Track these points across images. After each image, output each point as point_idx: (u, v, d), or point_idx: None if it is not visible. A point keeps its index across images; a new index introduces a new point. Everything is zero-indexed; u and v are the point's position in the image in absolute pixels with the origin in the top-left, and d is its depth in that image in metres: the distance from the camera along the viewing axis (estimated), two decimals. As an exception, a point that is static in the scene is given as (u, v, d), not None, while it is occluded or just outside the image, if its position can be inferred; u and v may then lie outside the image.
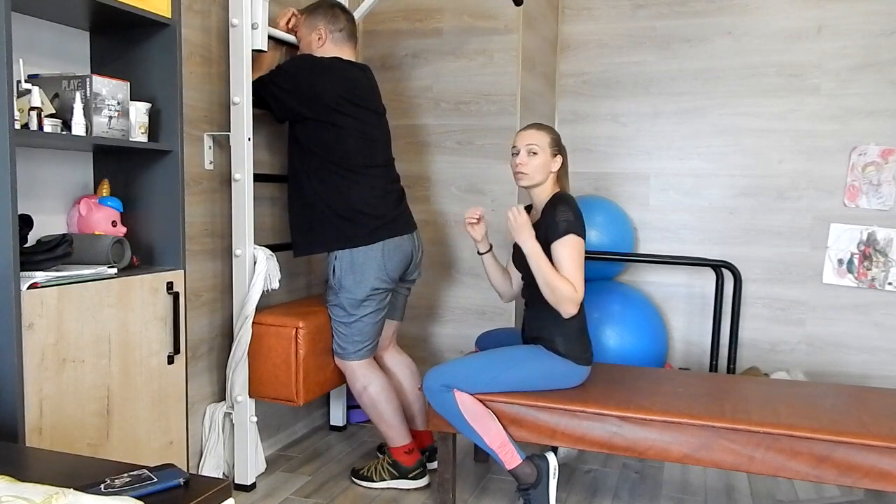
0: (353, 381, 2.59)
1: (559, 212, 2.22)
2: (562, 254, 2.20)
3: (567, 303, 2.19)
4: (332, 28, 2.56)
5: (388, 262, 2.50)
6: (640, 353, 3.19)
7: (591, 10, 3.68)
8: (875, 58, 3.31)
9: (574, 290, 2.18)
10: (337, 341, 2.58)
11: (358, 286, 2.48)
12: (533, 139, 2.30)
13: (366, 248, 2.47)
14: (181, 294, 2.05)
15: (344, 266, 2.48)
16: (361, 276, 2.48)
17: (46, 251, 1.76)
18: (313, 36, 2.56)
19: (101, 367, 1.82)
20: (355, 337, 2.54)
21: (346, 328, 2.54)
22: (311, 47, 2.57)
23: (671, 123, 3.61)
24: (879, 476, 1.95)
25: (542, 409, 2.23)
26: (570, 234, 2.19)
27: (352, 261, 2.48)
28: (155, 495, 1.18)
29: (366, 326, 2.53)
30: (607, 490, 2.62)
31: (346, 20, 2.59)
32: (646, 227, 3.69)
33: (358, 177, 2.48)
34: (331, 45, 2.56)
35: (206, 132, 2.48)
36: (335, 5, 2.60)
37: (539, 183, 2.32)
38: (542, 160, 2.29)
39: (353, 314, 2.51)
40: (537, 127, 2.34)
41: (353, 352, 2.55)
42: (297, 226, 2.58)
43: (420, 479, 2.59)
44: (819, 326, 3.46)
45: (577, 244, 2.20)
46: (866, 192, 3.35)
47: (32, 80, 1.82)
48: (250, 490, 2.54)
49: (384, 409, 2.56)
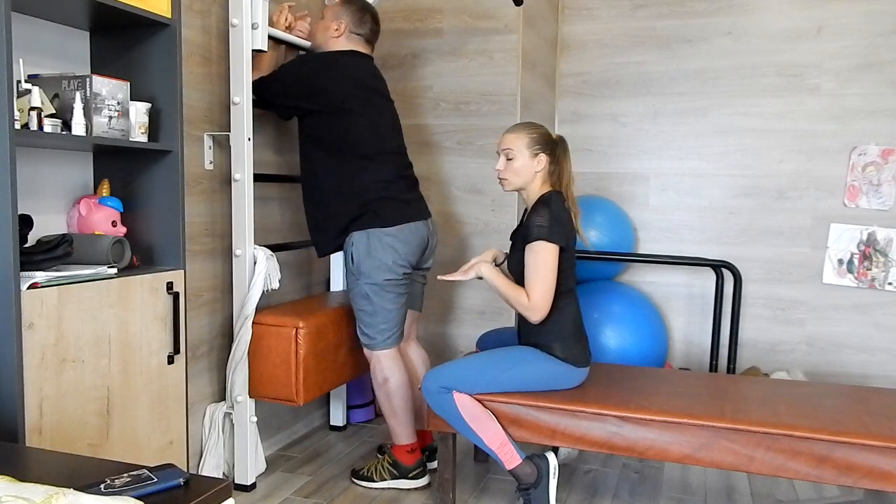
0: (375, 371, 2.57)
1: (534, 215, 2.21)
2: (527, 260, 2.21)
3: (524, 311, 2.22)
4: (354, 28, 2.58)
5: (404, 246, 2.50)
6: (640, 353, 3.19)
7: (591, 10, 3.68)
8: (875, 58, 3.30)
9: (527, 299, 2.19)
10: (364, 331, 2.56)
11: (377, 270, 2.47)
12: (508, 143, 2.28)
13: (381, 230, 2.47)
14: (181, 294, 2.05)
15: (360, 250, 2.48)
16: (379, 260, 2.47)
17: (46, 251, 1.75)
18: (333, 24, 2.58)
19: (101, 367, 1.82)
20: (381, 325, 2.53)
21: (371, 317, 2.52)
22: (326, 32, 2.59)
23: (671, 123, 3.61)
24: (879, 476, 1.95)
25: (542, 409, 2.23)
26: (538, 241, 2.17)
27: (368, 244, 2.47)
28: (155, 495, 1.18)
29: (389, 314, 2.53)
30: (607, 490, 2.62)
31: (371, 29, 2.61)
32: (646, 227, 3.69)
33: (369, 163, 2.50)
34: (344, 41, 2.58)
35: (206, 132, 2.48)
36: (368, 10, 2.61)
37: (522, 186, 2.30)
38: (520, 163, 2.26)
39: (375, 301, 2.50)
40: (514, 129, 2.30)
41: (382, 340, 2.54)
42: (315, 224, 2.58)
43: (420, 479, 2.59)
44: (819, 326, 3.46)
45: (544, 250, 2.18)
46: (866, 192, 3.35)
47: (32, 80, 1.82)
48: (250, 490, 2.54)
49: (399, 404, 2.56)
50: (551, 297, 2.21)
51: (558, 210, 2.22)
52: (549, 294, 2.20)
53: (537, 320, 2.22)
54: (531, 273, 2.20)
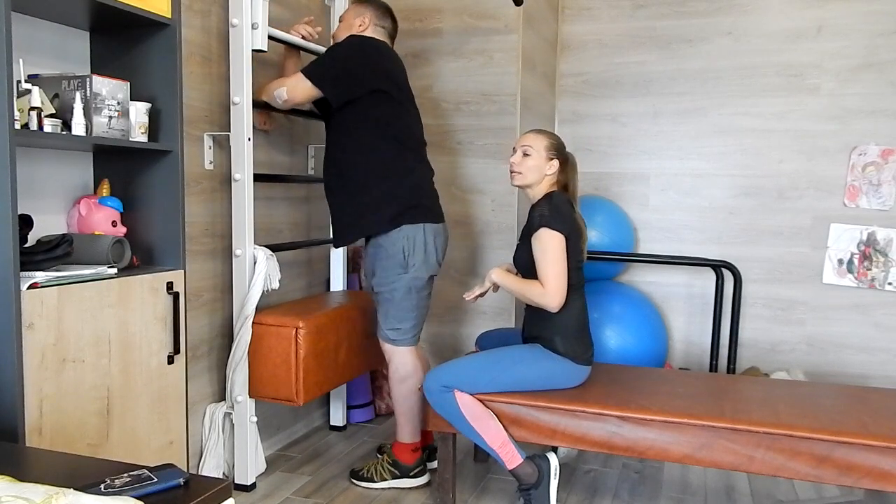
0: (398, 367, 2.55)
1: (537, 208, 2.28)
2: (534, 249, 2.25)
3: (541, 300, 2.23)
4: (377, 22, 2.58)
5: (443, 244, 2.55)
6: (640, 353, 3.19)
7: (591, 10, 3.68)
8: (875, 58, 3.30)
9: (541, 287, 2.21)
10: (395, 327, 2.52)
11: (424, 266, 2.48)
12: (528, 141, 2.36)
13: (432, 226, 2.49)
14: (181, 294, 2.05)
15: (415, 244, 2.46)
16: (427, 255, 2.48)
17: (46, 251, 1.75)
18: (356, 20, 2.57)
19: (101, 367, 1.82)
20: (415, 321, 2.53)
21: (408, 312, 2.51)
22: (350, 30, 2.58)
23: (671, 123, 3.61)
24: (879, 476, 1.95)
25: (542, 409, 2.23)
26: (542, 228, 2.22)
27: (423, 239, 2.47)
28: (155, 495, 1.18)
29: (423, 310, 2.55)
30: (607, 490, 2.62)
31: (392, 24, 2.62)
32: (646, 227, 3.69)
33: (417, 155, 2.52)
34: (371, 34, 2.57)
35: (206, 132, 2.48)
36: (387, 7, 2.62)
37: (531, 184, 2.35)
38: (535, 162, 2.32)
39: (416, 297, 2.50)
40: (536, 131, 2.39)
41: (411, 337, 2.54)
42: (352, 210, 2.50)
43: (420, 478, 2.60)
44: (819, 326, 3.46)
45: (549, 237, 2.21)
46: (866, 192, 3.35)
47: (32, 80, 1.82)
48: (250, 490, 2.54)
49: (414, 404, 2.57)
50: (565, 283, 2.23)
51: (560, 203, 2.27)
52: (562, 278, 2.22)
53: (556, 307, 2.22)
54: (540, 261, 2.22)
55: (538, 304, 2.25)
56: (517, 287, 2.30)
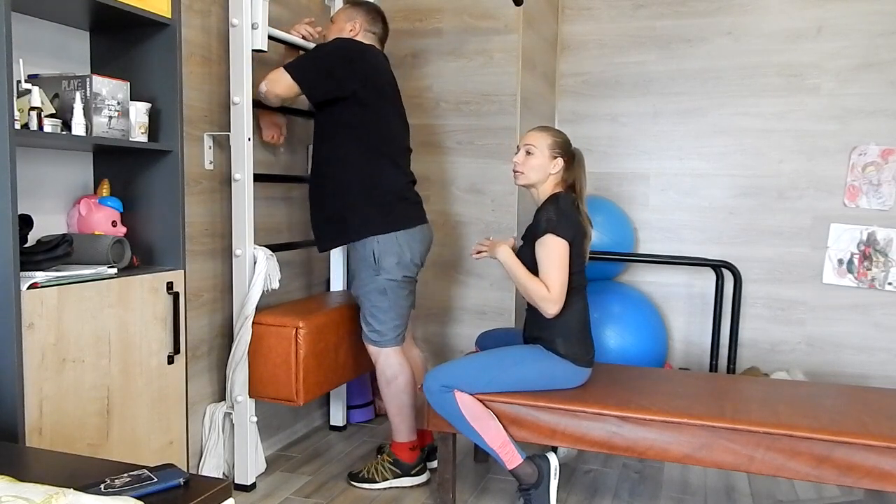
0: (384, 369, 2.57)
1: (543, 211, 2.26)
2: (539, 254, 2.24)
3: (542, 303, 2.22)
4: (368, 27, 2.59)
5: (420, 246, 2.55)
6: (640, 353, 3.19)
7: (591, 10, 3.68)
8: (875, 58, 3.31)
9: (546, 290, 2.20)
10: (375, 328, 2.55)
11: (397, 268, 2.49)
12: (531, 139, 2.33)
13: (405, 231, 2.50)
14: (181, 294, 2.05)
15: (386, 249, 2.48)
16: (400, 258, 2.49)
17: (46, 251, 1.75)
18: (347, 25, 2.59)
19: (101, 367, 1.82)
20: (395, 321, 2.54)
21: (384, 313, 2.53)
22: (341, 33, 2.59)
23: (671, 123, 3.61)
24: (879, 476, 1.95)
25: (542, 409, 2.23)
26: (547, 234, 2.21)
27: (396, 247, 2.48)
28: (155, 495, 1.18)
29: (402, 310, 2.55)
30: (607, 490, 2.62)
31: (382, 28, 2.64)
32: (646, 227, 3.69)
33: (397, 160, 2.53)
34: (361, 39, 2.58)
35: (206, 132, 2.48)
36: (378, 11, 2.64)
37: (534, 183, 2.34)
38: (538, 161, 2.31)
39: (392, 297, 2.51)
40: (540, 129, 2.36)
41: (393, 337, 2.55)
42: (326, 217, 2.54)
43: (421, 476, 2.60)
44: (819, 326, 3.46)
45: (555, 243, 2.21)
46: (866, 192, 3.35)
47: (32, 80, 1.82)
48: (250, 490, 2.54)
49: (406, 402, 2.57)
50: (566, 290, 2.23)
51: (567, 207, 2.26)
52: (564, 285, 2.22)
53: (554, 312, 2.23)
54: (545, 266, 2.22)
55: (536, 303, 2.25)
56: (523, 278, 2.26)
